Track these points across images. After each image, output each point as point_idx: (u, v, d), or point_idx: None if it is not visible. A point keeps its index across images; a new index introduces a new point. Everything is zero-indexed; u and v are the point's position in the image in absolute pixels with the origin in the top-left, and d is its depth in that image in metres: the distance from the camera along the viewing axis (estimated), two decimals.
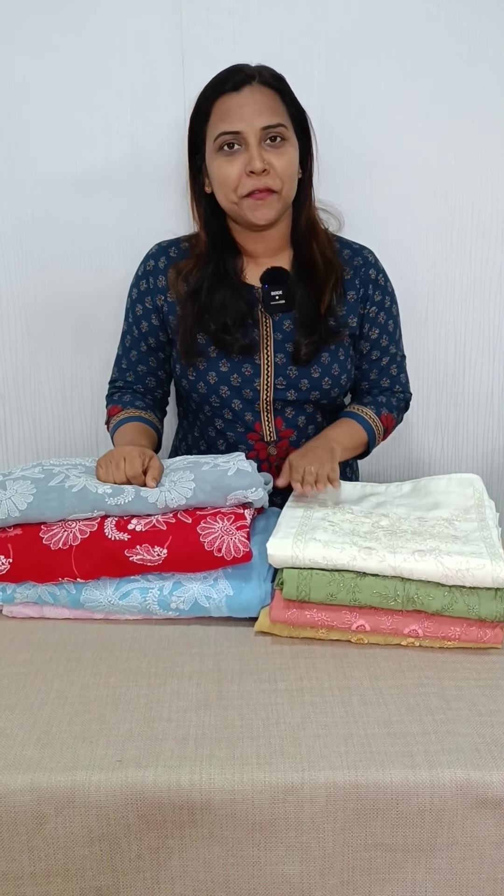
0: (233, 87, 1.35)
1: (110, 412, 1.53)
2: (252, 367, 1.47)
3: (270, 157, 1.36)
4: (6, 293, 1.79)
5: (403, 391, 1.61)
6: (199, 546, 1.16)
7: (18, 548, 1.18)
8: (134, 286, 1.54)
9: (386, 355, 1.57)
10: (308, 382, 1.49)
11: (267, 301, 1.47)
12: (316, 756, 0.91)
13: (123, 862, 0.89)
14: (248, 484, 1.20)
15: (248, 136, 1.35)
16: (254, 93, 1.35)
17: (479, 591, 1.10)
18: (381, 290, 1.54)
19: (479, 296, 1.84)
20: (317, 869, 0.89)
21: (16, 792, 0.87)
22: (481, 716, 0.97)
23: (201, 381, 1.48)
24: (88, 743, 0.93)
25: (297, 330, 1.47)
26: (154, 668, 1.08)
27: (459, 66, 1.68)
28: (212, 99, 1.38)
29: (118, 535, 1.17)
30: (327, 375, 1.49)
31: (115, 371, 1.58)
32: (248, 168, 1.35)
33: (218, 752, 0.91)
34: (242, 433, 1.52)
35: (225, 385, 1.48)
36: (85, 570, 1.17)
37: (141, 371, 1.55)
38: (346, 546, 1.12)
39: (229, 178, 1.37)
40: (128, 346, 1.55)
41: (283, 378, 1.48)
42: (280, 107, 1.38)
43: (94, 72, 1.66)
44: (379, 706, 0.99)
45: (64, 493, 1.18)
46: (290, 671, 1.07)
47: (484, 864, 0.90)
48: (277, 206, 1.40)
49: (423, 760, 0.90)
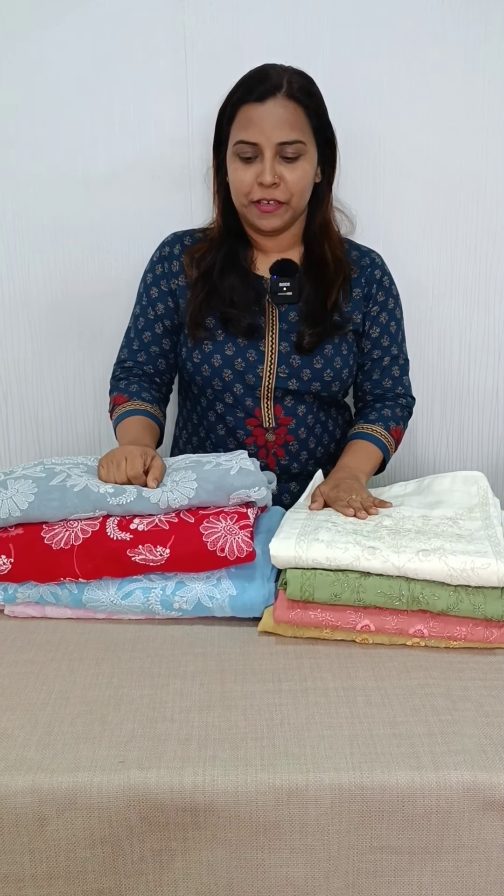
0: (257, 98, 1.38)
1: (115, 400, 1.53)
2: (256, 353, 1.50)
3: (283, 171, 1.40)
4: (9, 292, 1.79)
5: (406, 394, 1.61)
6: (201, 546, 1.15)
7: (20, 547, 1.17)
8: (149, 271, 1.57)
9: (387, 355, 1.58)
10: (310, 372, 1.51)
11: (275, 292, 1.50)
12: (320, 757, 0.90)
13: (126, 864, 0.89)
14: (251, 483, 1.19)
15: (265, 148, 1.38)
16: (276, 107, 1.38)
17: (484, 591, 1.09)
18: (385, 292, 1.57)
19: (484, 294, 1.83)
20: (321, 872, 0.88)
21: (17, 793, 0.86)
22: (488, 717, 0.96)
23: (205, 364, 1.51)
24: (90, 744, 0.92)
25: (301, 321, 1.50)
26: (157, 668, 1.07)
27: (465, 62, 1.67)
28: (237, 105, 1.41)
29: (120, 534, 1.16)
30: (329, 367, 1.52)
31: (124, 352, 1.58)
32: (259, 180, 1.39)
33: (221, 754, 0.90)
34: (242, 418, 1.53)
35: (228, 369, 1.50)
36: (87, 570, 1.16)
37: (154, 352, 1.56)
38: (350, 546, 1.11)
39: (242, 183, 1.42)
40: (140, 328, 1.56)
41: (286, 366, 1.50)
42: (302, 121, 1.40)
43: (97, 69, 1.66)
44: (384, 707, 0.98)
45: (65, 492, 1.17)
46: (294, 671, 1.06)
47: (491, 867, 0.89)
48: (285, 216, 1.45)
49: (429, 762, 0.89)
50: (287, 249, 1.54)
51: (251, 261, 1.53)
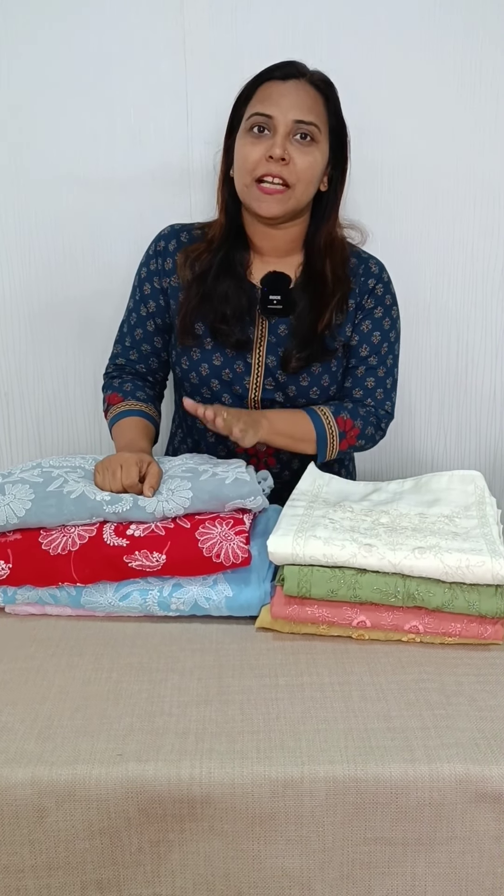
0: (281, 76, 1.37)
1: (110, 399, 1.52)
2: (244, 364, 1.48)
3: (294, 152, 1.37)
4: (10, 292, 1.80)
5: (376, 406, 1.52)
6: (197, 552, 1.16)
7: (18, 553, 1.18)
8: (143, 265, 1.54)
9: (363, 364, 1.51)
10: (296, 389, 1.49)
11: (264, 304, 1.47)
12: (316, 750, 0.91)
13: (124, 855, 0.90)
14: (246, 493, 1.19)
15: (279, 124, 1.35)
16: (299, 88, 1.37)
17: (479, 588, 1.10)
18: (376, 300, 1.50)
19: (481, 294, 1.84)
20: (316, 862, 0.90)
21: (17, 785, 0.88)
22: (481, 711, 0.98)
23: (193, 372, 1.49)
24: (89, 737, 0.93)
25: (290, 339, 1.47)
26: (155, 663, 1.08)
27: (462, 62, 1.68)
28: (257, 83, 1.39)
29: (117, 540, 1.17)
30: (316, 385, 1.49)
31: (116, 347, 1.57)
32: (269, 153, 1.36)
33: (218, 747, 0.92)
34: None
35: (216, 379, 1.48)
36: (84, 576, 1.17)
37: (145, 350, 1.55)
38: (347, 543, 1.12)
39: (249, 158, 1.37)
40: (133, 324, 1.54)
41: (273, 380, 1.48)
42: (321, 109, 1.39)
43: (98, 72, 1.67)
44: (379, 701, 1.00)
45: (62, 498, 1.18)
46: (290, 667, 1.07)
47: (483, 858, 0.90)
48: (286, 204, 1.39)
49: (422, 755, 0.90)
50: (285, 255, 1.49)
51: (247, 265, 1.49)
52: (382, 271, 1.53)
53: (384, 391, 1.53)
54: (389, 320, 1.52)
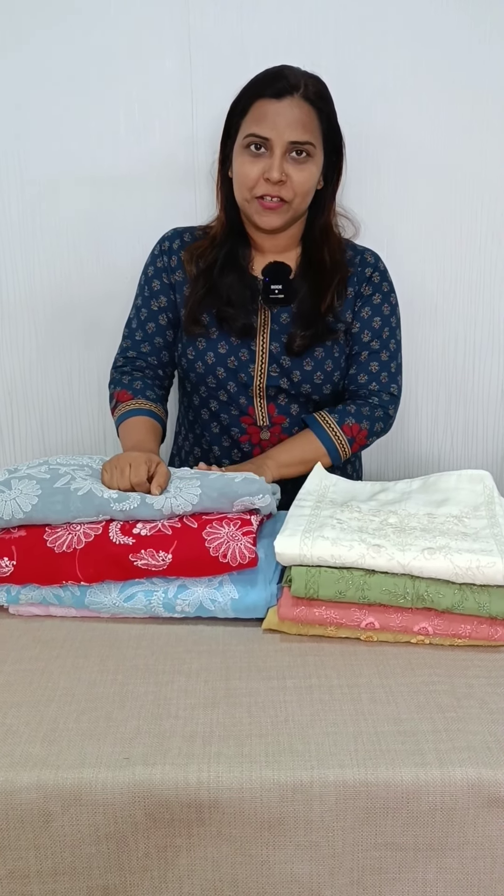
0: (274, 94, 1.39)
1: (118, 396, 1.53)
2: (248, 352, 1.51)
3: (290, 170, 1.40)
4: (14, 292, 1.79)
5: (380, 391, 1.55)
6: (204, 551, 1.15)
7: (22, 550, 1.17)
8: (150, 264, 1.57)
9: (366, 350, 1.55)
10: (300, 374, 1.51)
11: (266, 294, 1.51)
12: (325, 754, 0.90)
13: (131, 860, 0.89)
14: (255, 490, 1.19)
15: (276, 145, 1.39)
16: (293, 106, 1.39)
17: (489, 589, 1.09)
18: (374, 288, 1.55)
19: (488, 292, 1.83)
20: (326, 868, 0.88)
21: (22, 789, 0.86)
22: (493, 714, 0.96)
23: (199, 361, 1.52)
24: (95, 740, 0.92)
25: (293, 323, 1.51)
26: (161, 665, 1.07)
27: (468, 61, 1.68)
28: (252, 98, 1.41)
29: (123, 539, 1.16)
30: (319, 370, 1.52)
31: (126, 341, 1.59)
32: (266, 175, 1.39)
33: (226, 750, 0.90)
34: (236, 416, 1.55)
35: (221, 367, 1.51)
36: (89, 574, 1.16)
37: (158, 343, 1.57)
38: (355, 544, 1.11)
39: (248, 177, 1.42)
40: (144, 319, 1.57)
41: (277, 366, 1.51)
42: (314, 124, 1.41)
43: (103, 70, 1.66)
44: (389, 704, 0.98)
45: (69, 495, 1.17)
46: (298, 669, 1.06)
47: (496, 863, 0.89)
48: (286, 216, 1.45)
49: (433, 759, 0.89)
50: (284, 251, 1.54)
51: (249, 259, 1.54)
52: (378, 261, 1.57)
53: (388, 374, 1.56)
54: (389, 306, 1.56)
